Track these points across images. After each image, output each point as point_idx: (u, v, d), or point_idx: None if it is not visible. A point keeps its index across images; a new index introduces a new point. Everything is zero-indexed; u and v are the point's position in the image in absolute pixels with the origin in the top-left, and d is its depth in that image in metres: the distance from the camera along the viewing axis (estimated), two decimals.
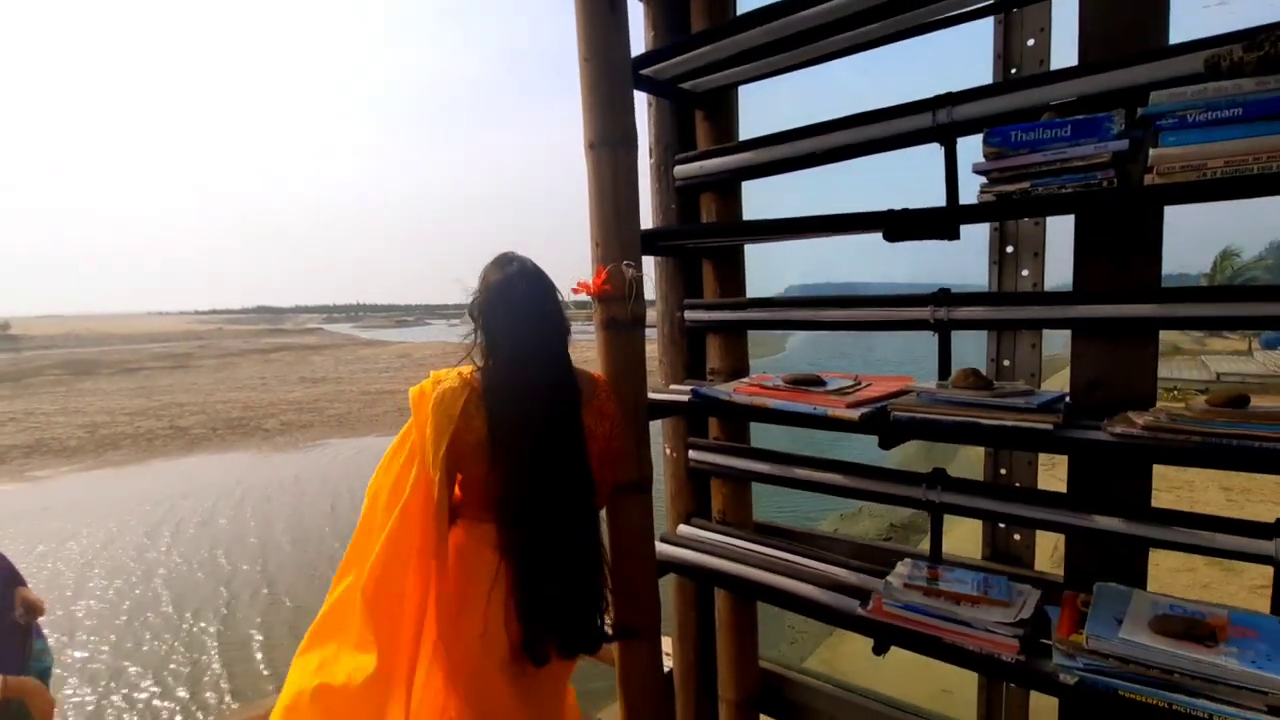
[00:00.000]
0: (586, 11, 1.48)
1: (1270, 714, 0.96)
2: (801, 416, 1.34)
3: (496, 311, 1.31)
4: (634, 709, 1.60)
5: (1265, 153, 0.89)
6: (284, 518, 9.87)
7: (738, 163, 1.74)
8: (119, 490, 11.68)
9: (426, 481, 1.25)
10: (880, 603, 1.34)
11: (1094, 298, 1.28)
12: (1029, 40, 1.47)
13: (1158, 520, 1.24)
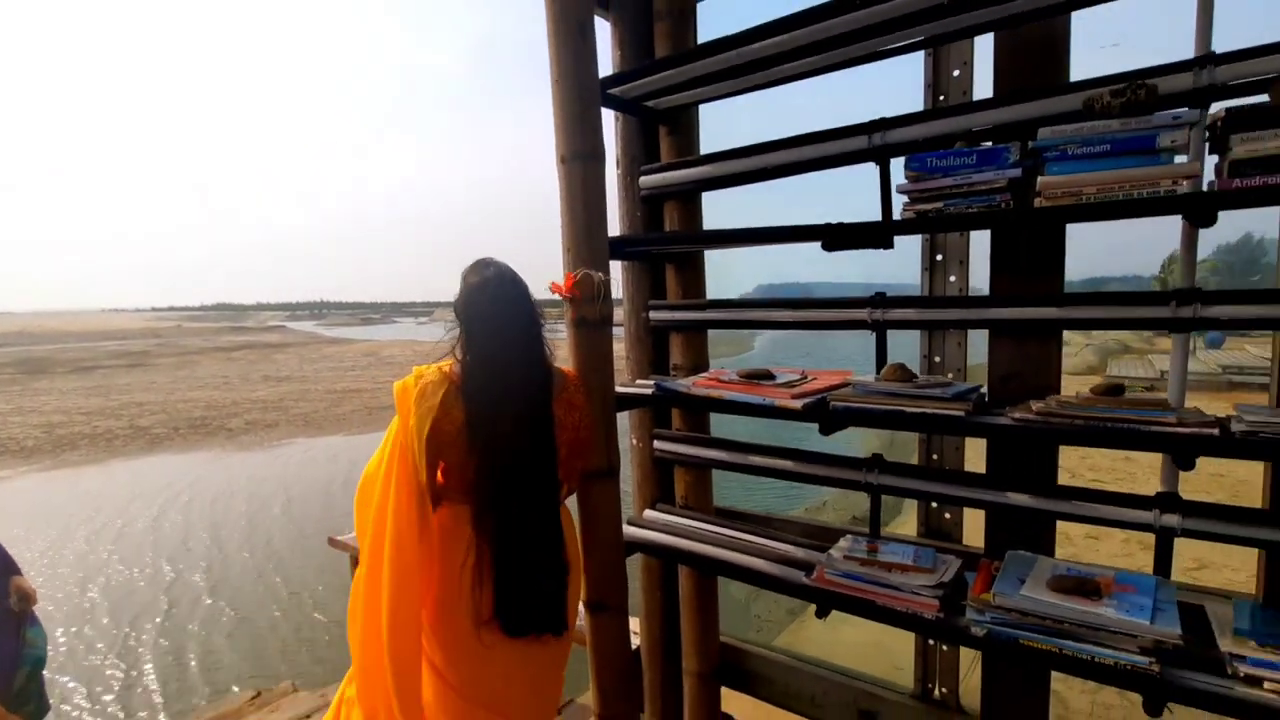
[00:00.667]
0: (558, 37, 1.61)
1: (1140, 654, 1.15)
2: (752, 407, 1.50)
3: (474, 311, 1.43)
4: (604, 681, 1.74)
5: (1128, 181, 1.07)
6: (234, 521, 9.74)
7: (698, 175, 1.89)
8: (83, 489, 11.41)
9: (411, 467, 1.37)
10: (822, 572, 1.50)
11: (1005, 302, 1.45)
12: (955, 71, 1.65)
13: (1060, 495, 1.42)
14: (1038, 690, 1.58)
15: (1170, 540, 1.30)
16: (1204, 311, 1.21)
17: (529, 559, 1.40)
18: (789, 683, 2.12)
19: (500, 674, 1.43)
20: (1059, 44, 1.41)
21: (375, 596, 1.36)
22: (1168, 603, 1.21)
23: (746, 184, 1.83)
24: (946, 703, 1.87)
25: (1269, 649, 1.09)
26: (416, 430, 1.37)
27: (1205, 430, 1.08)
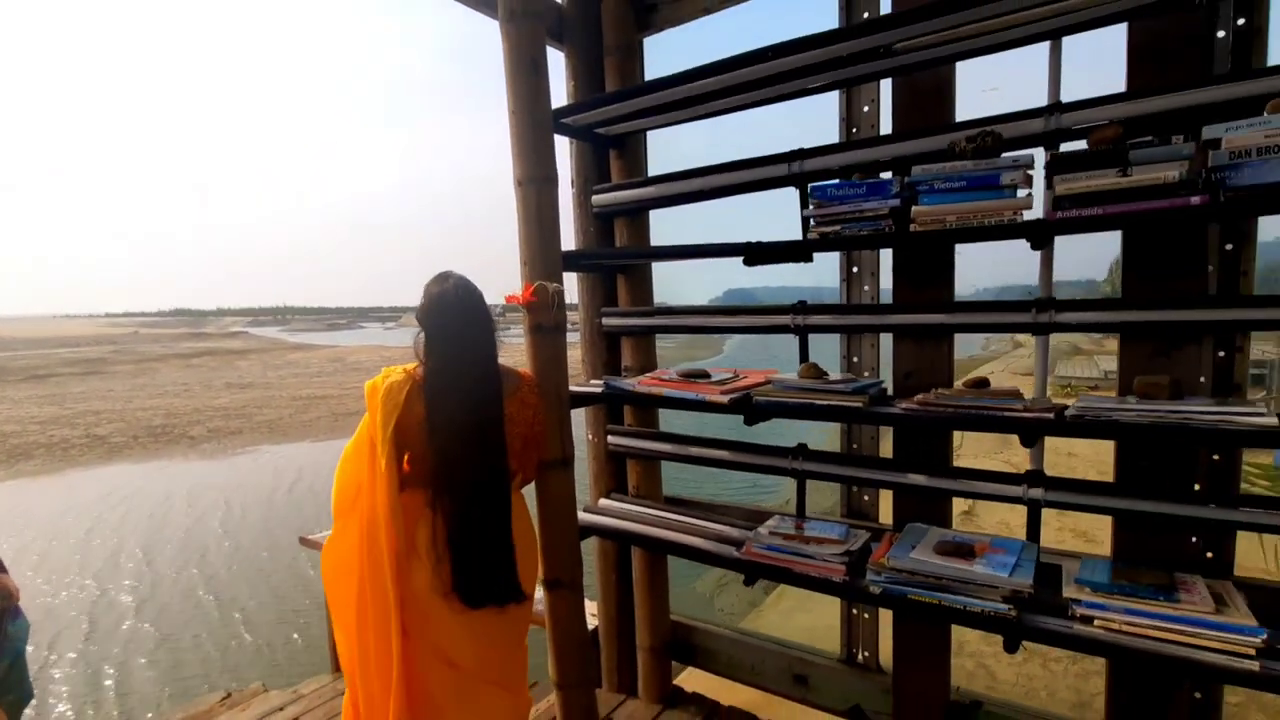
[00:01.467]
0: (514, 73, 1.80)
1: (1001, 602, 1.38)
2: (687, 401, 1.71)
3: (433, 319, 1.61)
4: (561, 653, 1.92)
5: (979, 212, 1.30)
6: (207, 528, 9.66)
7: (644, 195, 2.09)
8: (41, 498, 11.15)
9: (384, 456, 1.54)
10: (750, 547, 1.72)
11: (904, 309, 1.69)
12: (865, 108, 1.88)
13: (950, 475, 1.65)
14: (940, 648, 1.82)
15: (1038, 510, 1.54)
16: (1057, 318, 1.45)
17: (479, 537, 1.57)
18: (732, 654, 2.34)
19: (465, 638, 1.60)
20: (945, 89, 1.65)
21: (349, 569, 1.53)
22: (1028, 560, 1.45)
23: (687, 204, 2.04)
24: (868, 664, 2.10)
25: (1100, 594, 1.32)
26: (382, 424, 1.54)
27: (1044, 415, 1.32)
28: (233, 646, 6.23)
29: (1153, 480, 1.47)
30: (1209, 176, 1.13)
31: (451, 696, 1.59)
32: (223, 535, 9.28)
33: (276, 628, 6.42)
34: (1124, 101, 1.34)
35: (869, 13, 1.86)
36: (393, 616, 1.49)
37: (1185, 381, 1.40)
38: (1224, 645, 1.19)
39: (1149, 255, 1.42)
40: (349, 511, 1.60)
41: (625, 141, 2.19)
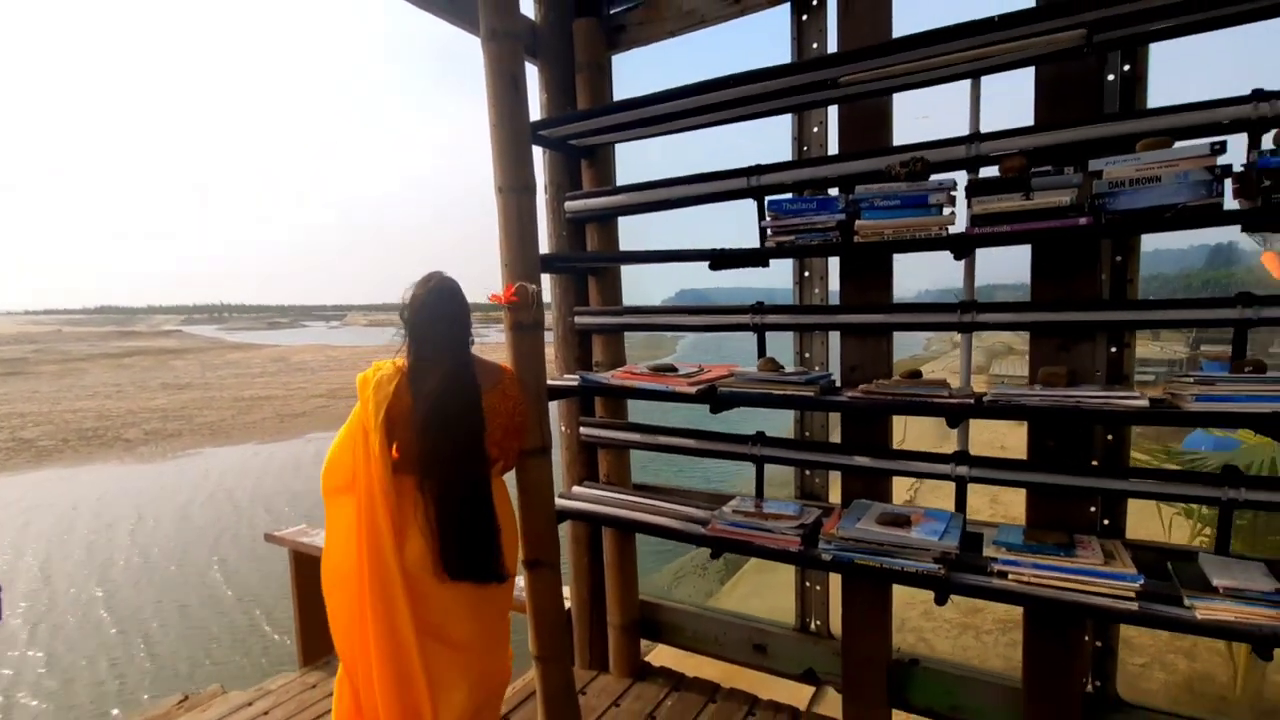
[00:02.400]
0: (495, 89, 1.93)
1: (933, 563, 1.60)
2: (658, 393, 1.88)
3: (415, 316, 1.73)
4: (540, 628, 2.06)
5: (911, 227, 1.52)
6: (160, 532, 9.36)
7: (613, 203, 2.25)
8: None
9: (376, 443, 1.64)
10: (715, 524, 1.90)
11: (850, 310, 1.90)
12: (814, 129, 2.09)
13: (889, 456, 1.88)
14: (882, 614, 2.04)
15: (964, 485, 1.77)
16: (979, 318, 1.68)
17: (461, 517, 1.70)
18: (696, 629, 2.52)
19: (452, 613, 1.72)
20: (884, 115, 1.87)
21: (347, 548, 1.64)
22: (955, 528, 1.68)
23: (654, 211, 2.21)
24: (820, 632, 2.32)
25: (1013, 552, 1.56)
26: (374, 413, 1.65)
27: (965, 400, 1.54)
28: (134, 671, 5.97)
29: (1058, 457, 1.72)
30: (1093, 202, 1.37)
31: (439, 668, 1.71)
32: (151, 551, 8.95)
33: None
34: (1029, 134, 1.58)
35: (816, 44, 2.06)
36: (398, 588, 1.60)
37: (1082, 372, 1.65)
38: (1110, 590, 1.43)
39: (1053, 265, 1.66)
40: (340, 492, 1.70)
41: (596, 152, 2.35)
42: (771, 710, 2.31)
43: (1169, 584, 1.45)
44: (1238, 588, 1.33)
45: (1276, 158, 1.24)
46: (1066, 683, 1.81)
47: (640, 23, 2.33)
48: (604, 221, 2.37)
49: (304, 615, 3.25)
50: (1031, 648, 1.84)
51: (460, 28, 2.17)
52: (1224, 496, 1.46)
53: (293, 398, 21.22)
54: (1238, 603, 1.32)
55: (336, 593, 1.71)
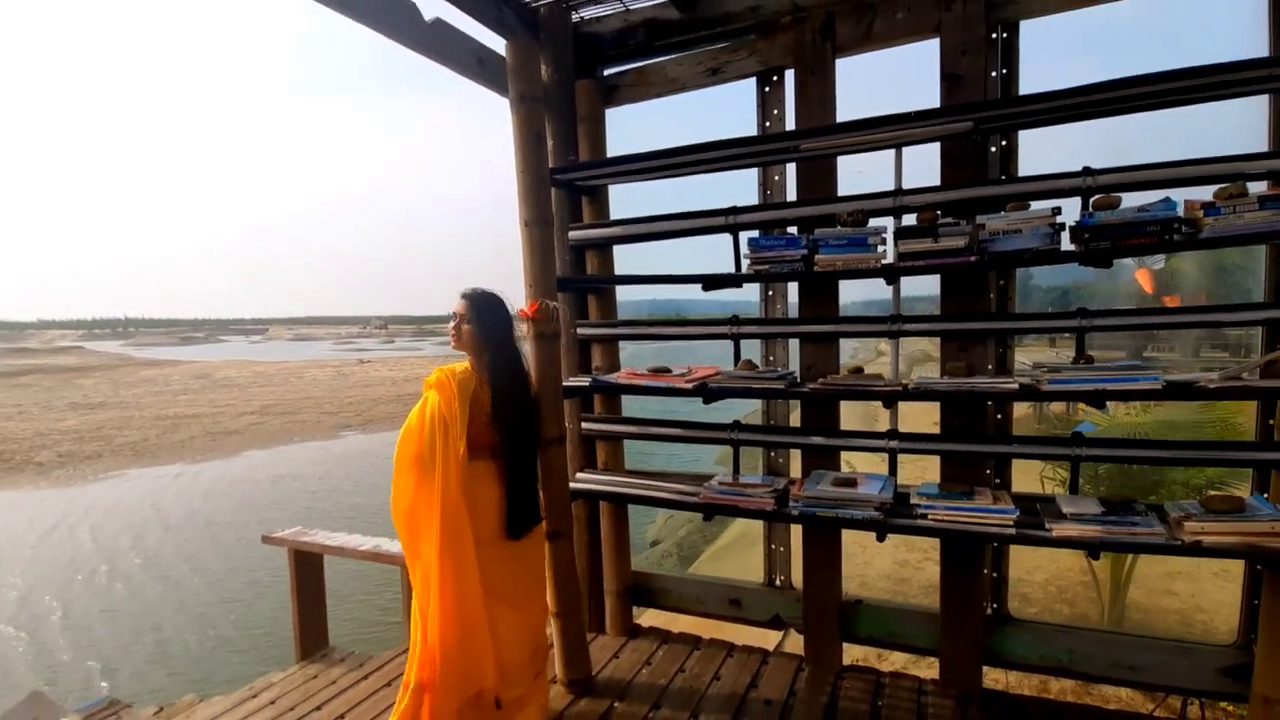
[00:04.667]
0: (522, 142, 2.38)
1: (874, 510, 2.12)
2: (660, 389, 2.35)
3: (481, 328, 2.12)
4: (559, 589, 2.46)
5: (855, 261, 2.07)
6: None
7: (611, 234, 2.72)
8: None
9: (455, 432, 2.01)
10: (705, 493, 2.38)
11: (807, 321, 2.44)
12: (776, 177, 2.63)
13: (838, 435, 2.41)
14: (834, 564, 2.57)
15: (895, 456, 2.31)
16: (904, 327, 2.24)
17: (525, 484, 2.11)
18: (681, 592, 2.99)
19: (507, 569, 2.12)
20: (830, 170, 2.42)
21: (430, 530, 1.99)
22: (889, 487, 2.22)
23: (645, 241, 2.69)
24: (784, 585, 2.83)
25: (931, 499, 2.10)
26: (460, 407, 2.02)
27: (896, 388, 2.09)
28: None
29: (962, 432, 2.29)
30: (979, 245, 1.95)
31: (494, 617, 2.10)
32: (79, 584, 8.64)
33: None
34: (935, 192, 2.16)
35: (776, 110, 2.61)
36: (469, 551, 1.97)
37: (978, 367, 2.23)
38: (997, 521, 2.00)
39: (955, 288, 2.24)
40: (409, 472, 2.05)
41: (596, 191, 2.81)
42: (745, 652, 2.79)
43: (1035, 516, 2.03)
44: (1079, 513, 1.91)
45: (1092, 217, 1.84)
46: (972, 606, 2.38)
47: (632, 84, 2.82)
48: (602, 249, 2.83)
49: (302, 611, 3.49)
50: (946, 579, 2.40)
51: (494, 91, 2.60)
52: (1073, 453, 2.06)
53: (222, 415, 20.41)
54: (1079, 524, 1.90)
55: (416, 554, 2.05)
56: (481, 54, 2.58)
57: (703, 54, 2.68)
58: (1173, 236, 1.81)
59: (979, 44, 2.20)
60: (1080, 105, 1.96)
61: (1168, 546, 1.84)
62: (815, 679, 2.52)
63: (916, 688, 2.44)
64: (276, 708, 2.74)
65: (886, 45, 2.39)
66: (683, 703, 2.40)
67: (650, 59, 2.81)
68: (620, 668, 2.70)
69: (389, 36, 2.14)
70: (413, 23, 2.22)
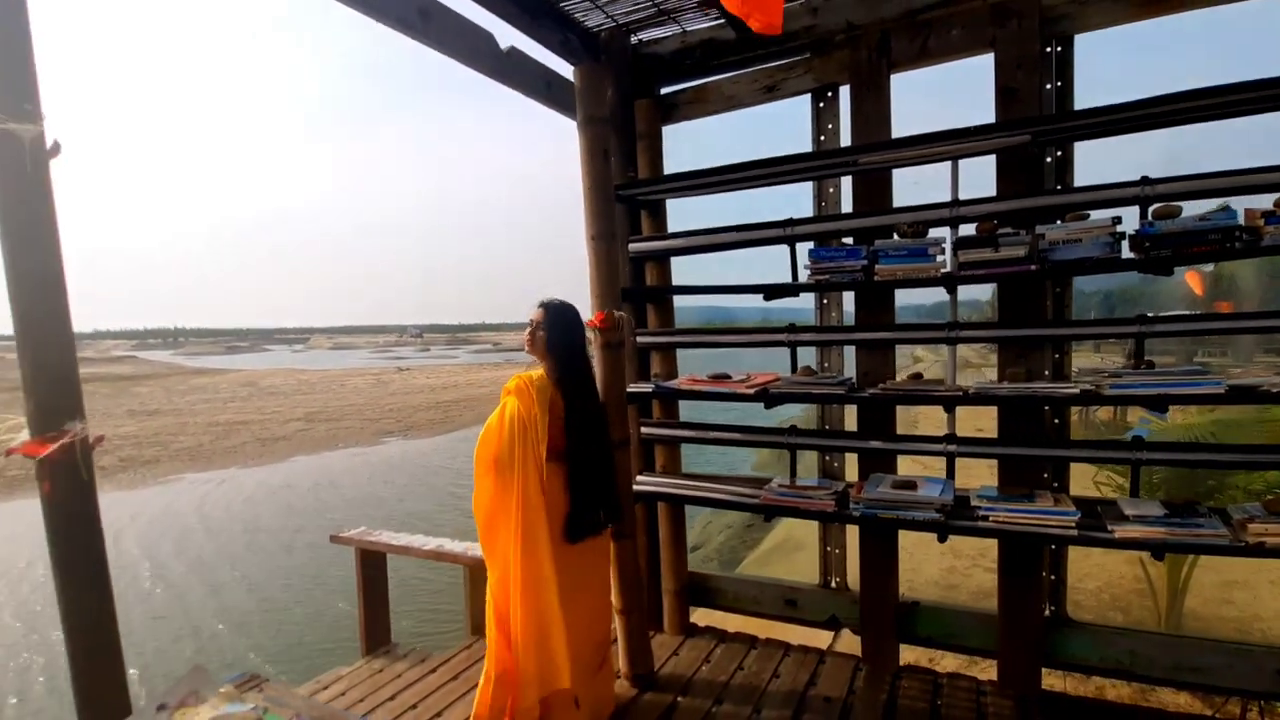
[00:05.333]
0: (588, 161, 2.51)
1: (935, 512, 2.19)
2: (722, 395, 2.45)
3: (556, 339, 2.24)
4: (624, 588, 2.57)
5: (916, 270, 2.14)
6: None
7: (670, 245, 2.84)
8: None
9: (533, 436, 2.13)
10: (765, 495, 2.47)
11: (864, 329, 2.51)
12: (830, 190, 2.71)
13: (895, 440, 2.48)
14: (891, 565, 2.63)
15: (953, 459, 2.37)
16: (961, 334, 2.30)
17: (601, 485, 2.22)
18: (737, 592, 3.08)
19: (577, 567, 2.23)
20: (886, 183, 2.50)
21: (506, 514, 2.11)
22: (949, 489, 2.28)
23: (702, 253, 2.79)
24: (840, 587, 2.89)
25: (991, 502, 2.16)
26: (540, 412, 2.15)
27: (956, 393, 2.15)
28: None
29: (1020, 435, 2.34)
30: (1039, 254, 2.01)
31: (573, 616, 2.20)
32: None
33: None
34: (991, 203, 2.22)
35: (831, 125, 2.70)
36: (546, 548, 2.09)
37: (1035, 373, 2.28)
38: (1058, 523, 2.05)
39: (1012, 297, 2.30)
40: (489, 474, 2.18)
41: (654, 205, 2.94)
42: (801, 652, 2.86)
43: (1097, 518, 2.07)
44: (1141, 514, 1.96)
45: (1153, 226, 1.89)
46: (1030, 608, 2.41)
47: (689, 102, 2.95)
48: (660, 260, 2.95)
49: (367, 608, 3.65)
50: (1004, 580, 2.44)
51: (562, 114, 2.75)
52: (1133, 457, 2.10)
53: (270, 422, 21.09)
54: (1141, 525, 1.94)
55: (493, 551, 2.19)
56: (549, 78, 2.74)
57: (758, 72, 2.79)
58: (1234, 244, 1.85)
59: (1033, 59, 2.26)
60: (1137, 118, 2.01)
61: (1232, 548, 1.87)
62: (873, 678, 2.58)
63: (975, 688, 2.48)
64: (347, 699, 2.89)
65: (941, 61, 2.47)
66: (744, 698, 2.49)
67: (707, 77, 2.93)
68: (680, 664, 2.79)
69: (468, 65, 2.30)
70: (491, 52, 2.37)
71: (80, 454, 1.17)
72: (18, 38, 1.09)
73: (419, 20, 2.02)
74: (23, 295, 1.11)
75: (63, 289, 1.15)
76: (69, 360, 1.17)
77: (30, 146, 1.08)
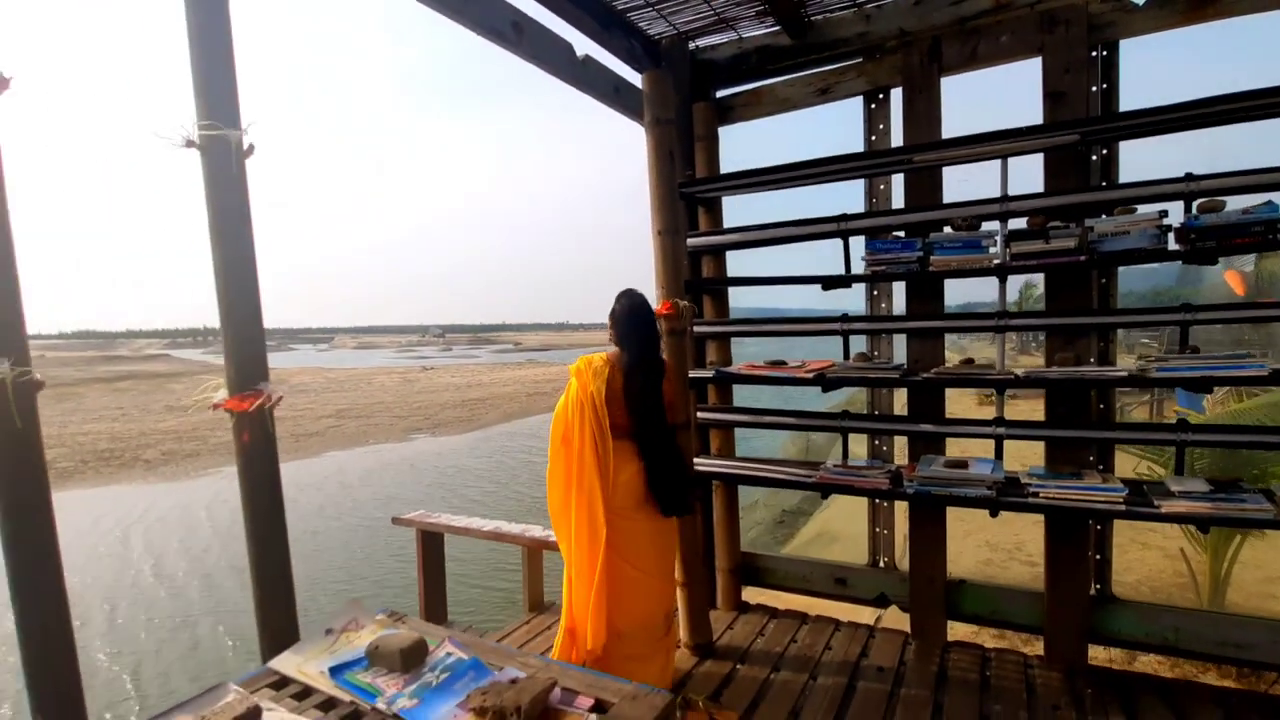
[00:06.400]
0: (655, 160, 2.68)
1: (986, 489, 2.33)
2: (781, 379, 2.61)
3: (624, 323, 2.42)
4: (687, 563, 2.74)
5: (969, 261, 2.29)
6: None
7: (726, 240, 3.00)
8: None
9: (592, 414, 2.31)
10: (822, 474, 2.62)
11: (914, 318, 2.66)
12: (881, 186, 2.86)
13: (945, 423, 2.62)
14: (939, 543, 2.77)
15: (1001, 441, 2.50)
16: (1010, 322, 2.44)
17: (662, 462, 2.38)
18: (788, 571, 3.23)
19: (644, 540, 2.40)
20: (937, 180, 2.64)
21: (569, 497, 2.29)
22: (999, 469, 2.41)
23: (757, 247, 2.96)
24: (888, 566, 3.04)
25: (1040, 479, 2.29)
26: (596, 392, 2.33)
27: (1008, 376, 2.29)
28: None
29: (1067, 419, 2.47)
30: (1088, 246, 2.14)
31: (630, 586, 2.37)
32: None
33: None
34: (1040, 198, 2.36)
35: (882, 125, 2.85)
36: (601, 522, 2.24)
37: (1082, 359, 2.41)
38: (1105, 498, 2.17)
39: (1060, 286, 2.43)
40: (559, 448, 2.35)
41: (710, 202, 3.11)
42: (851, 627, 3.00)
43: (1143, 495, 2.19)
44: (1187, 490, 2.08)
45: (1198, 220, 2.01)
46: (1077, 585, 2.54)
47: (745, 104, 3.11)
48: (716, 254, 3.12)
49: (428, 586, 3.86)
50: (1051, 558, 2.57)
51: (631, 119, 2.93)
52: (1178, 439, 2.22)
53: (302, 418, 21.62)
54: (1187, 500, 2.07)
55: (560, 526, 2.36)
56: (618, 83, 2.92)
57: (812, 76, 2.95)
58: (1276, 235, 1.97)
59: (1080, 63, 2.39)
60: (1182, 119, 2.14)
61: (1275, 522, 1.99)
62: (922, 651, 2.72)
63: (1023, 661, 2.61)
64: None
65: (989, 65, 2.61)
66: (799, 667, 2.64)
67: (762, 81, 3.09)
68: (736, 637, 2.95)
69: (552, 74, 2.49)
70: (570, 61, 2.56)
71: (268, 410, 1.36)
72: (223, 54, 1.29)
73: (513, 33, 2.22)
74: (226, 278, 1.31)
75: (255, 273, 1.35)
76: (259, 334, 1.37)
77: (235, 149, 1.28)
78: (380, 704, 1.13)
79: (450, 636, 1.36)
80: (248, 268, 1.33)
